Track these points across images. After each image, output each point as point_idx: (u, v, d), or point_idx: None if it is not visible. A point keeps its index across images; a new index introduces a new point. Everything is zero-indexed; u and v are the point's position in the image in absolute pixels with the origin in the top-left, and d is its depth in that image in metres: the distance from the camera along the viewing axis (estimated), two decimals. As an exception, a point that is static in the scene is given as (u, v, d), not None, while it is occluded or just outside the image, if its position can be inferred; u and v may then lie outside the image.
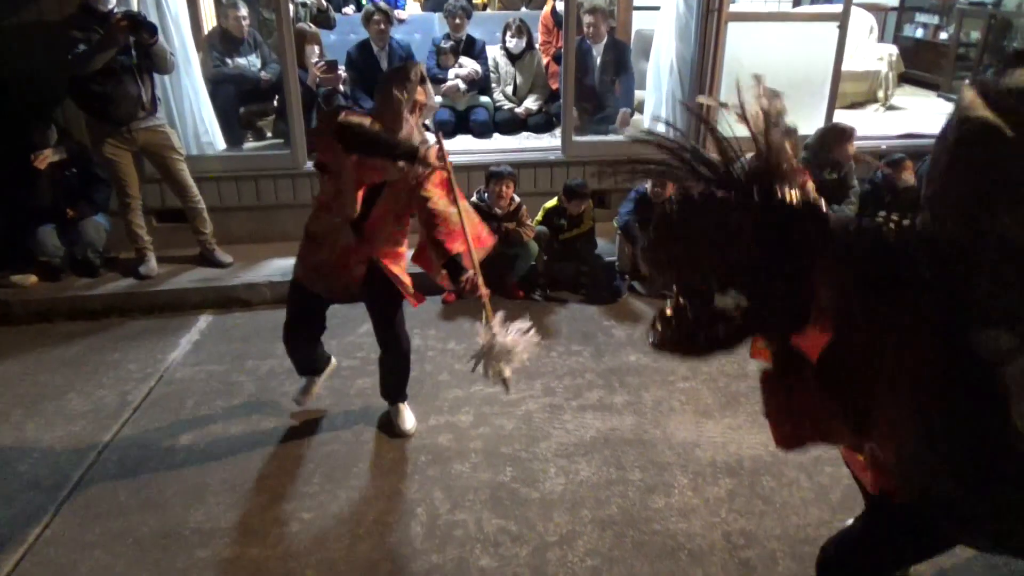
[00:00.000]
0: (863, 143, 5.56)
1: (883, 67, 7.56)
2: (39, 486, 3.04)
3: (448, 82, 6.04)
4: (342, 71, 5.69)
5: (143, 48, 4.28)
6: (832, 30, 5.43)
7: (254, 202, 5.20)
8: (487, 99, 6.25)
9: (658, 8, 5.76)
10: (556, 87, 6.20)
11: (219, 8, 5.58)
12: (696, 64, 5.33)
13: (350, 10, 7.39)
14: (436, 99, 2.84)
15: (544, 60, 6.44)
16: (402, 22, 7.06)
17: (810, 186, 1.38)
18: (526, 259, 4.67)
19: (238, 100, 5.53)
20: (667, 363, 3.97)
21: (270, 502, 2.97)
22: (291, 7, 5.28)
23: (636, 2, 6.50)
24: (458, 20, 6.16)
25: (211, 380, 3.80)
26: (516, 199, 4.62)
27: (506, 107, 6.25)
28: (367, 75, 6.07)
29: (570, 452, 3.26)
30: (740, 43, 5.27)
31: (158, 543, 2.76)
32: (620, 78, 5.97)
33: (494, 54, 6.34)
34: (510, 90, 6.32)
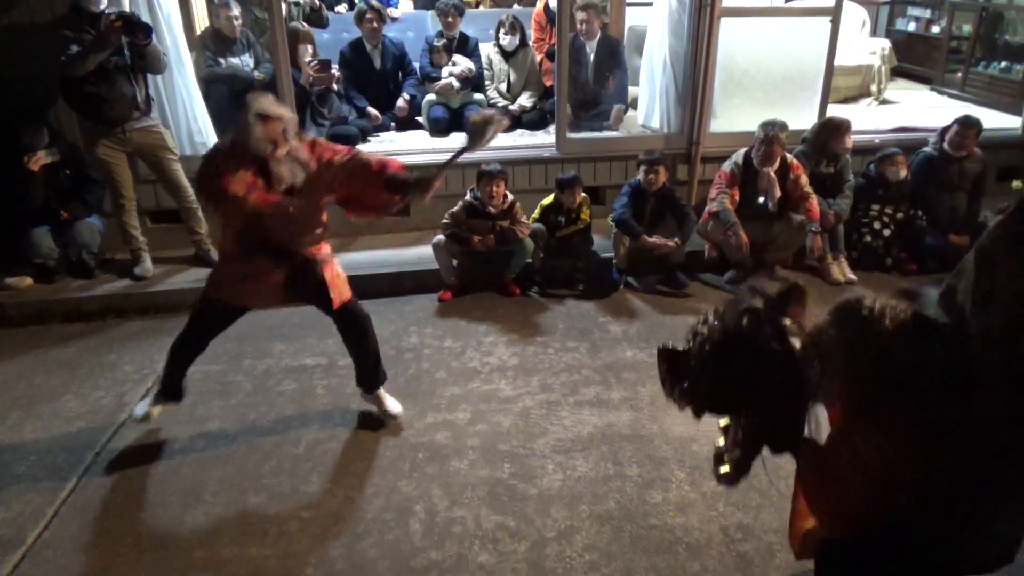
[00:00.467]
0: (856, 137, 5.58)
1: (875, 61, 7.57)
2: (37, 488, 3.04)
3: (442, 80, 6.04)
4: (335, 70, 5.68)
5: (136, 48, 4.27)
6: (824, 25, 5.43)
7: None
8: (481, 96, 6.25)
9: (651, 4, 5.76)
10: (550, 84, 6.20)
11: (211, 8, 5.56)
12: (689, 60, 5.33)
13: (343, 9, 7.38)
14: (289, 116, 2.83)
15: (538, 57, 6.44)
16: (395, 20, 7.06)
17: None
18: (522, 256, 4.67)
19: (231, 100, 5.52)
20: (663, 358, 3.98)
21: (268, 501, 2.97)
22: (284, 6, 5.27)
23: (629, -2, 6.51)
24: (451, 18, 6.15)
25: (208, 380, 3.80)
26: (509, 197, 4.62)
27: (500, 104, 6.24)
28: (360, 74, 6.07)
29: (567, 448, 3.27)
30: (733, 38, 5.28)
31: (156, 543, 2.76)
32: (614, 74, 5.98)
33: (487, 51, 6.33)
34: (504, 87, 6.32)
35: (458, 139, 5.91)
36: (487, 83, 6.32)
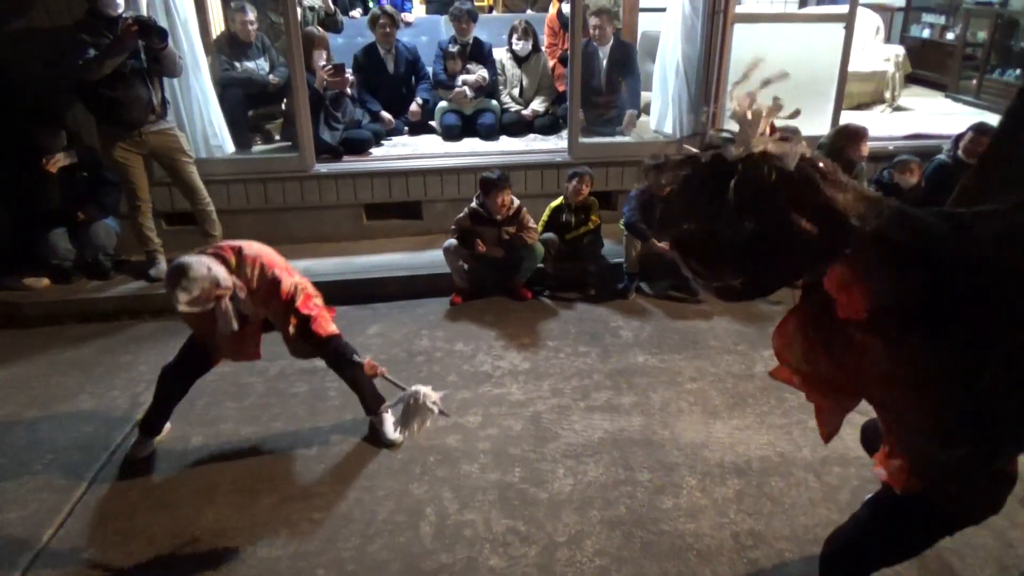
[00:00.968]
0: (870, 144, 5.56)
1: (890, 68, 7.55)
2: (53, 486, 3.08)
3: (455, 89, 6.07)
4: (349, 74, 5.71)
5: (153, 52, 4.31)
6: (838, 31, 5.43)
7: (262, 204, 5.23)
8: (495, 103, 6.27)
9: (664, 10, 5.77)
10: (562, 89, 6.22)
11: (227, 12, 5.61)
12: (702, 65, 5.34)
13: (357, 13, 7.41)
14: (212, 279, 2.74)
15: (550, 62, 6.45)
16: (409, 25, 7.09)
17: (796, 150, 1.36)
18: (532, 261, 4.68)
19: (246, 103, 5.57)
20: (675, 364, 3.98)
21: (280, 502, 2.99)
22: (299, 11, 5.31)
23: (642, 3, 6.52)
24: (464, 24, 6.17)
25: (221, 381, 3.82)
26: (516, 202, 4.61)
27: (512, 109, 6.27)
28: (374, 78, 6.11)
29: (578, 453, 3.28)
30: (746, 44, 5.27)
31: (169, 543, 2.79)
32: (626, 80, 5.98)
33: (500, 56, 6.35)
34: (516, 92, 6.34)
35: (470, 144, 5.94)
36: (500, 88, 6.34)
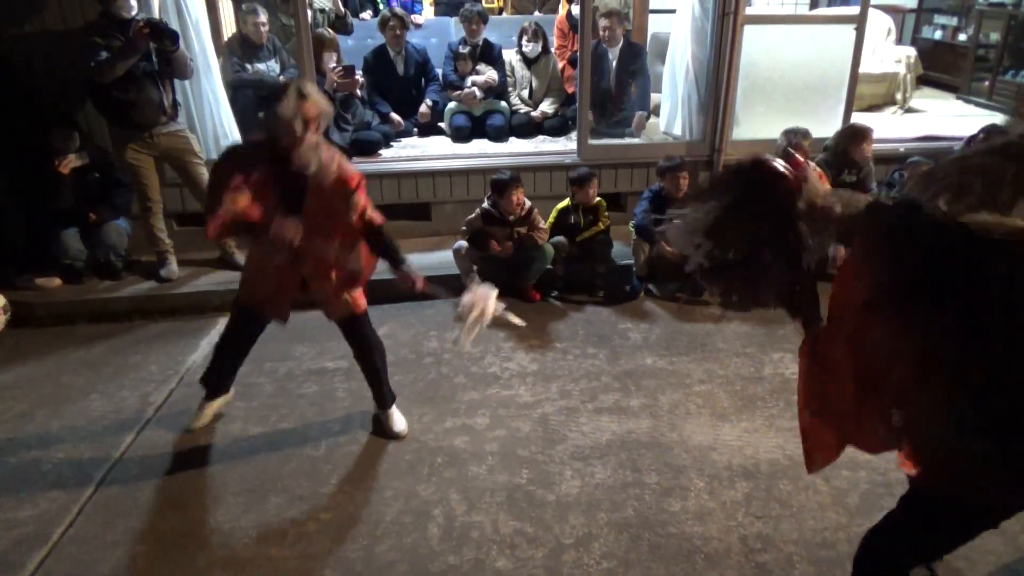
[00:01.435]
0: (881, 145, 5.54)
1: (901, 69, 7.50)
2: (63, 486, 3.10)
3: (464, 89, 6.07)
4: (359, 76, 5.73)
5: (164, 54, 4.33)
6: (849, 32, 5.40)
7: (272, 206, 5.24)
8: (504, 104, 6.28)
9: (674, 11, 5.77)
10: (572, 90, 6.21)
11: (239, 14, 5.64)
12: (712, 67, 5.32)
13: (367, 15, 7.44)
14: (327, 107, 2.81)
15: (560, 64, 6.46)
16: (419, 27, 7.11)
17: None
18: (542, 262, 4.68)
19: (257, 105, 5.59)
20: (683, 366, 3.97)
21: (288, 502, 3.00)
22: (309, 13, 5.33)
23: (652, 5, 6.50)
24: (474, 25, 6.18)
25: (230, 382, 3.85)
26: (527, 203, 4.63)
27: (522, 111, 6.27)
28: (384, 79, 6.12)
29: (586, 455, 3.27)
30: (756, 46, 5.27)
31: (178, 542, 2.80)
32: (636, 81, 5.97)
33: (510, 58, 6.36)
34: (526, 94, 6.34)
35: (480, 146, 5.95)
36: (509, 90, 6.35)
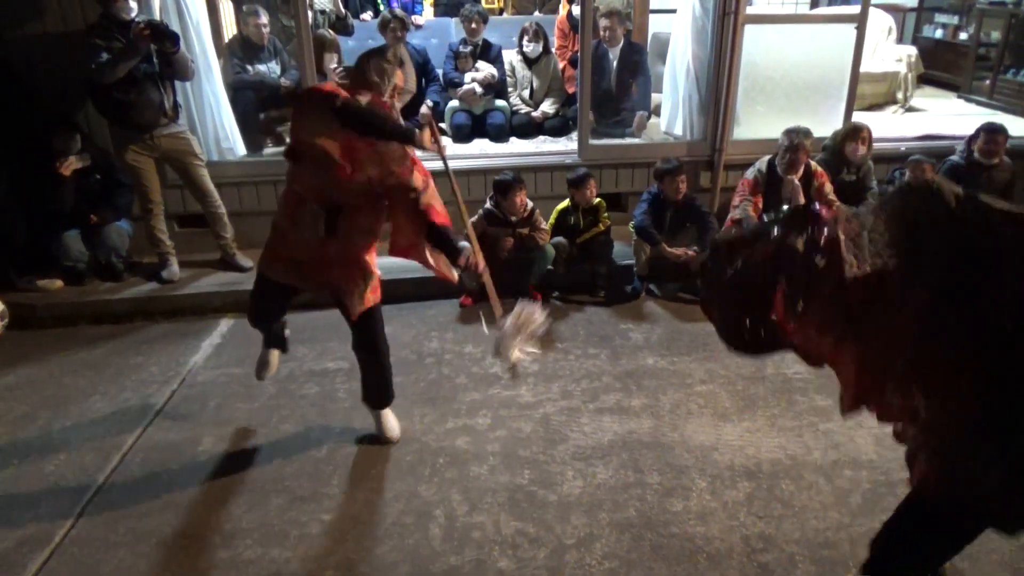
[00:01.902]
0: (882, 145, 5.53)
1: (902, 68, 7.49)
2: (65, 487, 3.10)
3: (464, 86, 6.08)
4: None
5: (165, 56, 4.34)
6: (850, 31, 5.39)
7: (273, 207, 5.20)
8: (504, 103, 6.28)
9: (674, 11, 5.76)
10: (572, 91, 6.21)
11: (239, 15, 5.65)
12: (713, 67, 5.32)
13: (368, 17, 7.45)
14: (411, 83, 2.78)
15: (560, 64, 6.46)
16: (419, 28, 7.11)
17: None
18: (543, 262, 4.68)
19: (258, 106, 5.60)
20: (684, 366, 3.97)
21: (290, 503, 3.00)
22: (310, 14, 5.33)
23: (652, 5, 6.50)
24: (475, 25, 6.18)
25: (232, 383, 3.85)
26: (529, 204, 4.64)
27: (523, 111, 6.27)
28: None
29: (588, 455, 3.27)
30: (757, 45, 5.26)
31: (180, 543, 2.80)
32: (636, 81, 5.97)
33: (510, 58, 6.36)
34: (527, 94, 6.34)
35: (480, 146, 5.95)
36: (510, 90, 6.35)
